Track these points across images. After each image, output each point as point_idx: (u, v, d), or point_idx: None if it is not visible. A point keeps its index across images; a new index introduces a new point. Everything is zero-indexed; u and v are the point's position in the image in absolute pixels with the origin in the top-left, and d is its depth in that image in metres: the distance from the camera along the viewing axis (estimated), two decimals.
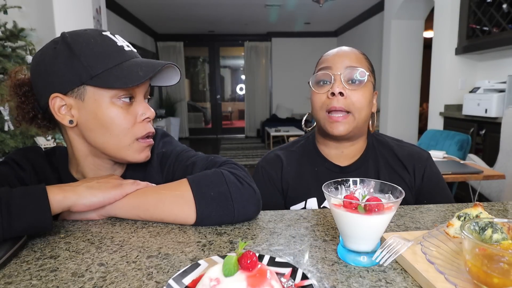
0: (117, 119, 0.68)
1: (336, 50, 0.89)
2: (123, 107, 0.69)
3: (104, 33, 0.70)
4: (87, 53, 0.66)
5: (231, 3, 5.70)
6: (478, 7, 3.17)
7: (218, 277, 0.38)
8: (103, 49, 0.67)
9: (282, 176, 0.94)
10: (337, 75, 0.83)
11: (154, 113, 0.74)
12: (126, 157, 0.72)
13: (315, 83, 0.87)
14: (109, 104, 0.68)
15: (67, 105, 0.68)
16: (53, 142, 2.19)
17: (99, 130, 0.69)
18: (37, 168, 0.76)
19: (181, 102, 8.43)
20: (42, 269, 0.51)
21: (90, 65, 0.65)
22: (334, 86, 0.82)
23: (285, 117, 8.22)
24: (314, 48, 8.17)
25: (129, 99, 0.70)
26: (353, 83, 0.83)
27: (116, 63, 0.67)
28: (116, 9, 5.37)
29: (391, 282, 0.46)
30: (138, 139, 0.72)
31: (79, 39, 0.67)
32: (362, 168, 0.91)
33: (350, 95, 0.82)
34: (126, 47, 0.71)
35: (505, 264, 0.38)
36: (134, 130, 0.71)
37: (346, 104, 0.82)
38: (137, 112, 0.71)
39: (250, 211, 0.67)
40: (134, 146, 0.72)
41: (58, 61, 0.66)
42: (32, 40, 2.24)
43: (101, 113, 0.67)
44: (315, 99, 0.87)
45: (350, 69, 0.83)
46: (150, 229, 0.65)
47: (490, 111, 2.86)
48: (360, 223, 0.48)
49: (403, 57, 4.79)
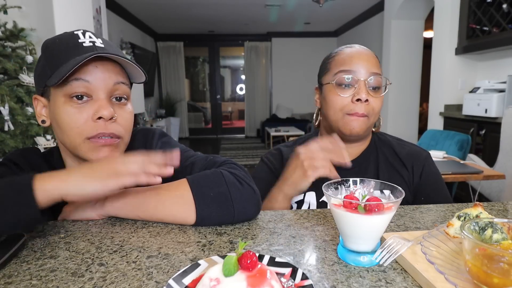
0: (66, 118, 0.67)
1: (356, 52, 0.88)
2: (75, 106, 0.67)
3: (75, 32, 0.71)
4: (49, 55, 0.69)
5: (231, 3, 5.70)
6: (478, 7, 3.17)
7: (218, 277, 0.38)
8: (62, 47, 0.68)
9: (283, 166, 0.96)
10: (361, 81, 0.85)
11: (111, 113, 0.67)
12: (83, 156, 0.69)
13: (338, 85, 0.87)
14: (63, 102, 0.67)
15: (44, 105, 0.72)
16: (53, 142, 2.19)
17: (57, 128, 0.71)
18: (35, 169, 0.76)
19: (181, 102, 8.43)
20: (42, 269, 0.51)
21: (49, 65, 0.68)
22: (360, 92, 0.84)
23: (285, 117, 8.22)
24: (314, 48, 8.17)
25: (78, 97, 0.66)
26: (374, 90, 0.87)
27: (66, 60, 0.66)
28: (116, 9, 5.37)
29: (391, 282, 0.46)
30: (89, 138, 0.68)
31: (49, 42, 0.71)
32: (363, 165, 0.93)
33: (372, 101, 0.86)
34: (88, 42, 0.68)
35: (505, 264, 0.38)
36: (85, 129, 0.67)
37: (367, 110, 0.85)
38: (90, 111, 0.67)
39: (250, 211, 0.67)
40: (86, 146, 0.68)
41: (37, 65, 0.73)
42: (32, 40, 2.24)
43: (56, 112, 0.68)
44: (336, 100, 0.87)
45: (373, 76, 0.85)
46: (150, 229, 0.65)
47: (490, 111, 2.86)
48: (360, 223, 0.48)
49: (403, 57, 4.79)
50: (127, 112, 0.72)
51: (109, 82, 0.68)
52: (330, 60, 0.91)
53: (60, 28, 2.65)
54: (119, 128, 0.70)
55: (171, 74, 8.33)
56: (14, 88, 2.02)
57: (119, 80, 0.70)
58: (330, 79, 0.88)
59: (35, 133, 2.08)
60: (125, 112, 0.72)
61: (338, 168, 0.92)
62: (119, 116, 0.70)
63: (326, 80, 0.90)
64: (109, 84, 0.68)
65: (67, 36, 0.71)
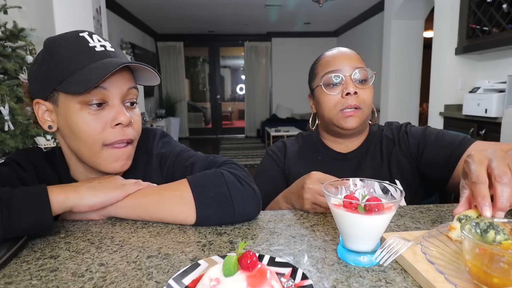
0: (84, 125, 0.66)
1: (338, 53, 0.95)
2: (92, 112, 0.66)
3: (81, 34, 0.68)
4: (57, 58, 0.66)
5: (231, 3, 5.70)
6: (478, 7, 3.17)
7: (218, 277, 0.38)
8: (72, 52, 0.66)
9: (286, 158, 1.03)
10: (347, 76, 0.91)
11: (128, 119, 0.68)
12: (99, 166, 0.70)
13: (326, 85, 0.93)
14: (79, 109, 0.66)
15: (48, 110, 0.70)
16: (53, 142, 2.19)
17: (71, 136, 0.68)
18: (38, 169, 0.76)
19: (181, 102, 8.43)
20: (42, 269, 0.51)
21: (59, 70, 0.65)
22: (348, 86, 0.90)
23: (285, 117, 8.22)
24: (314, 48, 8.16)
25: (98, 104, 0.66)
26: (361, 83, 0.92)
27: (81, 66, 0.65)
28: (116, 9, 5.37)
29: (391, 282, 0.46)
30: (107, 145, 0.68)
31: (53, 44, 0.68)
32: (362, 155, 0.98)
33: (361, 93, 0.91)
34: (99, 47, 0.68)
35: (505, 264, 0.38)
36: (103, 136, 0.67)
37: (358, 101, 0.90)
38: (108, 117, 0.67)
39: (250, 211, 0.67)
40: (104, 154, 0.68)
41: (38, 68, 0.68)
42: (32, 40, 2.24)
43: (70, 119, 0.66)
44: (328, 99, 0.93)
45: (358, 69, 0.91)
46: (150, 229, 0.65)
47: (490, 111, 2.86)
48: (360, 223, 0.48)
49: (403, 57, 4.79)
50: (137, 115, 0.74)
51: (123, 88, 0.69)
52: (316, 65, 0.98)
53: (60, 28, 2.65)
54: (134, 132, 0.72)
55: (171, 74, 8.33)
56: (14, 88, 2.02)
57: (132, 85, 0.71)
58: (318, 82, 0.95)
59: (35, 133, 2.08)
60: (136, 115, 0.74)
61: (341, 158, 0.99)
62: (132, 119, 0.71)
63: (315, 84, 0.97)
64: (123, 90, 0.69)
65: (73, 38, 0.68)
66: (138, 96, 0.75)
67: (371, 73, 0.94)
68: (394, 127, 1.01)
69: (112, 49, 0.70)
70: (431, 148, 0.90)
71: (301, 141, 1.06)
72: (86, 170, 0.75)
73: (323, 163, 0.99)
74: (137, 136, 0.74)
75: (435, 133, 0.92)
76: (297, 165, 1.00)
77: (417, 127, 0.99)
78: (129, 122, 0.69)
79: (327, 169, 0.85)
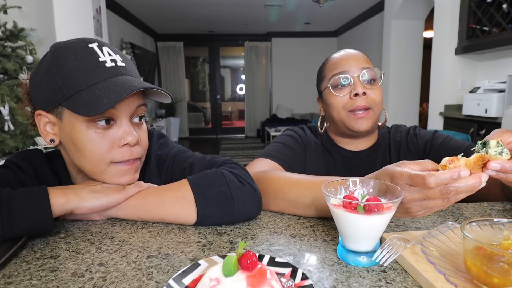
0: (90, 144, 0.64)
1: (345, 54, 0.95)
2: (98, 131, 0.64)
3: (90, 45, 0.65)
4: (65, 71, 0.62)
5: (231, 3, 5.70)
6: (478, 7, 3.17)
7: (218, 277, 0.38)
8: (80, 66, 0.62)
9: (303, 140, 1.02)
10: (355, 77, 0.91)
11: (136, 138, 0.67)
12: (104, 181, 0.68)
13: (333, 87, 0.93)
14: (84, 127, 0.64)
15: (51, 122, 0.68)
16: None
17: (75, 152, 0.66)
18: (38, 172, 0.75)
19: (181, 102, 8.42)
20: (42, 269, 0.51)
21: (65, 84, 0.62)
22: (356, 87, 0.90)
23: (285, 117, 8.21)
24: (314, 48, 8.17)
25: (106, 122, 0.64)
26: (369, 83, 0.92)
27: (89, 84, 0.62)
28: (116, 9, 5.37)
29: (391, 282, 0.46)
30: (114, 163, 0.67)
31: (60, 54, 0.64)
32: (373, 155, 0.99)
33: (370, 94, 0.90)
34: (110, 62, 0.65)
35: (505, 264, 0.38)
36: (110, 156, 0.66)
37: (368, 102, 0.90)
38: (115, 136, 0.65)
39: (251, 211, 0.67)
40: (111, 171, 0.67)
41: (42, 78, 0.65)
42: (32, 40, 2.24)
43: (75, 136, 0.64)
44: (337, 101, 0.93)
45: (365, 70, 0.91)
46: (150, 229, 0.65)
47: (490, 111, 2.86)
48: (360, 223, 0.48)
49: (403, 57, 4.79)
50: (144, 131, 0.73)
51: (132, 106, 0.67)
52: (324, 68, 0.99)
53: (60, 28, 2.65)
54: (141, 149, 0.71)
55: (171, 74, 8.33)
56: (14, 88, 2.02)
57: (141, 102, 0.70)
58: (326, 84, 0.95)
59: (35, 133, 2.08)
60: (143, 132, 0.72)
61: (350, 156, 0.99)
62: (140, 137, 0.69)
63: (323, 86, 0.97)
64: (132, 108, 0.68)
65: (82, 50, 0.64)
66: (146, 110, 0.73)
67: (380, 73, 0.94)
68: (402, 129, 1.03)
69: (123, 64, 0.67)
70: (436, 151, 0.92)
71: (318, 137, 1.05)
72: (88, 178, 0.73)
73: (337, 162, 1.00)
74: (144, 153, 0.73)
75: (442, 137, 0.94)
76: (311, 157, 1.00)
77: (426, 130, 1.00)
78: (137, 142, 0.68)
79: (340, 168, 0.88)
